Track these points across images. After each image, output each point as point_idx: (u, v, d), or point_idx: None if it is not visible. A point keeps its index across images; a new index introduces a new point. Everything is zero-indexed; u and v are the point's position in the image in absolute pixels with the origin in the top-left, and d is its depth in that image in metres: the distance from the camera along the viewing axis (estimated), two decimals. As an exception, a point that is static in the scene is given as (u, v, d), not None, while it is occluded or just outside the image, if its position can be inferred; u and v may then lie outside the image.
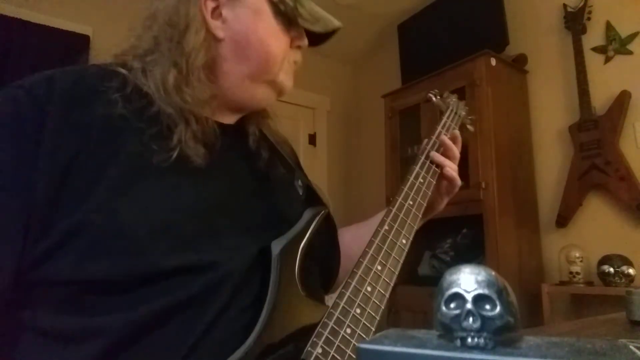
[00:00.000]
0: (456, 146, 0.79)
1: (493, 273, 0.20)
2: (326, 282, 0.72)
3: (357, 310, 0.52)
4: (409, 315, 2.12)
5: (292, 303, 0.52)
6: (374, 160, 2.88)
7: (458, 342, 0.19)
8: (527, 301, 1.84)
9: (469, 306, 0.19)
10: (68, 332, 0.45)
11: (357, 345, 0.20)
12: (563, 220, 1.94)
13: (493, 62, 2.06)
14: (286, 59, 0.62)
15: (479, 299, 0.19)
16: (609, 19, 1.93)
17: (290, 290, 0.52)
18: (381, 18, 2.86)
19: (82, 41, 2.22)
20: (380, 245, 0.59)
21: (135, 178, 0.48)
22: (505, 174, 1.97)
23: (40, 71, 0.52)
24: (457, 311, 0.19)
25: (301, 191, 0.68)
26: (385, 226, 0.61)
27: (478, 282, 0.19)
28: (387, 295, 0.56)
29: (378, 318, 0.54)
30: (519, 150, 2.09)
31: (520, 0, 2.26)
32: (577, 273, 1.77)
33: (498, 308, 0.19)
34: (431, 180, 0.73)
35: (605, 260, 1.67)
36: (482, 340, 0.19)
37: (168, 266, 0.47)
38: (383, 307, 0.54)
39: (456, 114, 0.88)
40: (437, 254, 2.20)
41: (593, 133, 1.85)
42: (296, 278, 0.53)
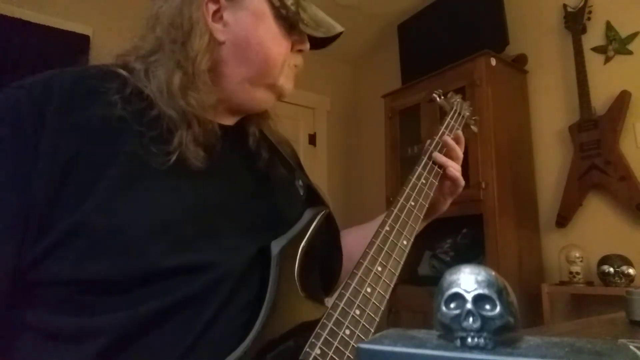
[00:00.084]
0: (459, 147, 0.78)
1: (493, 273, 0.20)
2: (327, 284, 0.72)
3: (357, 311, 0.52)
4: (409, 315, 2.12)
5: (291, 303, 0.52)
6: (374, 160, 2.88)
7: (458, 342, 0.19)
8: (527, 301, 1.84)
9: (469, 306, 0.19)
10: (68, 332, 0.45)
11: (357, 345, 0.20)
12: (563, 220, 1.94)
13: (493, 62, 2.06)
14: (287, 63, 0.62)
15: (479, 299, 0.19)
16: (609, 19, 1.93)
17: (289, 290, 0.52)
18: (381, 18, 2.86)
19: (82, 41, 2.22)
20: (380, 246, 0.59)
21: (134, 178, 0.48)
22: (505, 174, 1.97)
23: (40, 71, 0.52)
24: (457, 311, 0.19)
25: (302, 191, 0.68)
26: (386, 227, 0.61)
27: (478, 282, 0.19)
28: (387, 296, 0.56)
29: (377, 319, 0.53)
30: (519, 150, 2.09)
31: (520, 0, 2.26)
32: (577, 273, 1.77)
33: (498, 308, 0.19)
34: (433, 181, 0.72)
35: (605, 260, 1.67)
36: (482, 340, 0.19)
37: (167, 266, 0.47)
38: (382, 309, 0.54)
39: (460, 115, 0.87)
40: (437, 254, 2.20)
41: (593, 133, 1.85)
42: (295, 278, 0.53)
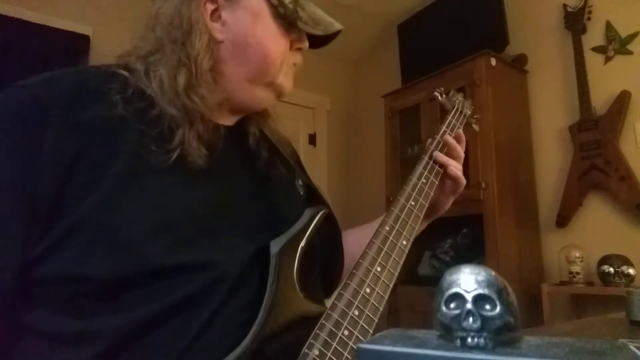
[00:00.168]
0: (460, 146, 0.78)
1: (493, 273, 0.20)
2: (328, 285, 0.71)
3: (356, 312, 0.52)
4: (409, 315, 2.12)
5: (290, 303, 0.52)
6: (374, 160, 2.88)
7: (458, 342, 0.19)
8: (527, 301, 1.84)
9: (469, 306, 0.19)
10: (67, 335, 0.45)
11: (357, 345, 0.20)
12: (563, 220, 1.93)
13: (493, 62, 2.06)
14: (286, 61, 0.62)
15: (479, 299, 0.19)
16: (609, 19, 1.93)
17: (288, 290, 0.52)
18: (381, 18, 2.86)
19: (82, 41, 2.22)
20: (380, 246, 0.59)
21: (134, 178, 0.48)
22: (505, 174, 1.97)
23: (40, 71, 0.52)
24: (457, 311, 0.19)
25: (302, 191, 0.68)
26: (386, 227, 0.61)
27: (478, 282, 0.19)
28: (386, 297, 0.55)
29: (376, 320, 0.53)
30: (519, 150, 2.09)
31: (520, 0, 2.26)
32: (577, 273, 1.77)
33: (498, 308, 0.19)
34: (434, 180, 0.72)
35: (605, 260, 1.67)
36: (482, 340, 0.19)
37: (167, 265, 0.47)
38: (381, 309, 0.54)
39: (461, 113, 0.86)
40: (437, 254, 2.20)
41: (593, 133, 1.85)
42: (294, 277, 0.53)
